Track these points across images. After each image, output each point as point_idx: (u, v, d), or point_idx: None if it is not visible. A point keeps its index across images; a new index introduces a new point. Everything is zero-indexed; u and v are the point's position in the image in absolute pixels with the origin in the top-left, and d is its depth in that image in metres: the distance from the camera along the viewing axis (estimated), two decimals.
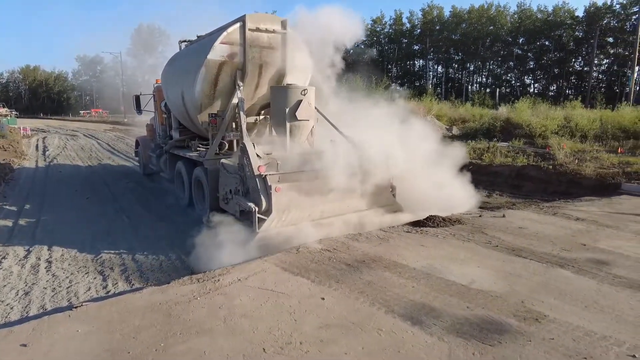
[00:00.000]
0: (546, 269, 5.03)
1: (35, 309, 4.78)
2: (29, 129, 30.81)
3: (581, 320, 3.82)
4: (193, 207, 8.58)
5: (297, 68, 8.29)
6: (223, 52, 7.62)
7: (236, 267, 5.09)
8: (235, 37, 7.63)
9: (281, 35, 7.86)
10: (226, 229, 6.16)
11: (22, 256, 6.46)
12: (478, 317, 3.90)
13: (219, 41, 7.56)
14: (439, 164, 8.00)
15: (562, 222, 7.05)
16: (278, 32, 7.86)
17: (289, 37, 7.92)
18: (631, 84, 30.97)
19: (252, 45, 7.63)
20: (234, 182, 6.79)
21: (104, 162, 17.62)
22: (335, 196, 6.70)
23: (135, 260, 6.23)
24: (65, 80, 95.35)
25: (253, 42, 7.64)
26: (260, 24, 7.68)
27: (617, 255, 5.47)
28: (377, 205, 7.32)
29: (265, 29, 7.75)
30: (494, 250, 5.70)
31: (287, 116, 7.35)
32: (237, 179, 6.66)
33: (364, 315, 3.91)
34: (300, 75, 8.48)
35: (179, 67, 9.14)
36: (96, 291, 5.25)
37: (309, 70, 8.61)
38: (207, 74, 7.66)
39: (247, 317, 3.87)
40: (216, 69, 7.65)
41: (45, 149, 22.01)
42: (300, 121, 7.48)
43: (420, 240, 6.10)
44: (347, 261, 5.24)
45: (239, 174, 6.62)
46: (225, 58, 7.64)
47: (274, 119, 7.83)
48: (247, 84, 7.87)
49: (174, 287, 4.55)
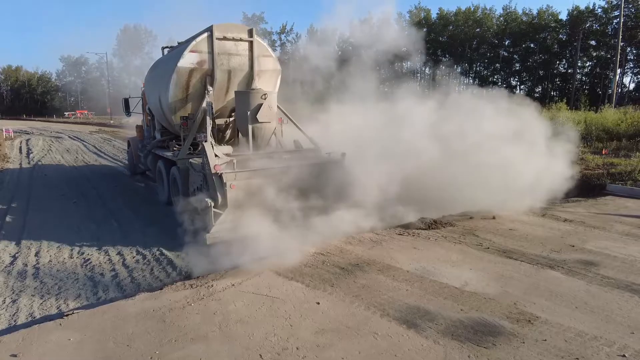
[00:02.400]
0: (537, 271, 5.12)
1: (23, 318, 4.66)
2: (12, 130, 30.16)
3: (572, 321, 3.89)
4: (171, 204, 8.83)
5: (266, 72, 8.89)
6: (192, 60, 8.21)
7: (229, 272, 5.06)
8: (203, 46, 8.23)
9: (248, 43, 8.49)
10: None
11: (8, 262, 6.31)
12: (472, 319, 3.95)
13: (188, 50, 8.17)
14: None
15: (550, 224, 7.18)
16: (245, 40, 8.48)
17: (255, 44, 8.55)
18: (613, 86, 31.70)
19: (220, 53, 8.28)
20: (199, 179, 7.22)
21: (91, 164, 17.34)
22: (291, 193, 6.84)
23: (126, 266, 6.14)
24: (49, 81, 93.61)
25: (221, 50, 8.29)
26: (227, 33, 8.32)
27: (605, 256, 5.59)
28: (332, 202, 7.19)
29: (232, 37, 8.39)
30: (485, 252, 5.78)
31: (249, 119, 7.88)
32: (201, 176, 7.07)
33: (359, 319, 3.93)
34: (269, 79, 9.04)
35: (156, 73, 9.78)
36: (86, 298, 5.15)
37: (278, 74, 9.23)
38: (179, 80, 8.30)
39: (242, 323, 3.85)
40: (186, 75, 8.27)
41: (29, 152, 21.57)
42: (262, 123, 7.98)
43: (412, 242, 6.15)
44: (340, 265, 5.25)
45: (202, 172, 7.03)
46: (194, 65, 8.23)
47: (238, 121, 8.40)
48: (218, 88, 8.42)
49: (167, 293, 4.51)
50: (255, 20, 68.09)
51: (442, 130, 8.55)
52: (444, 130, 8.57)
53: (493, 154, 7.95)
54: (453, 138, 8.33)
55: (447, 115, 9.19)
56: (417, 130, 8.54)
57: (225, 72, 8.43)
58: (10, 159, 18.72)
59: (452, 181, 7.75)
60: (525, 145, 8.26)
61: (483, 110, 9.05)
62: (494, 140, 8.19)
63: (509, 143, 8.17)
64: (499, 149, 8.04)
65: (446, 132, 8.50)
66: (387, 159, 7.61)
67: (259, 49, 8.72)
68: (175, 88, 8.41)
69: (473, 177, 7.70)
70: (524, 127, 8.58)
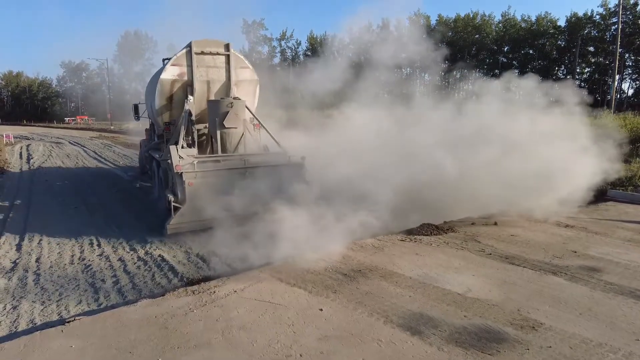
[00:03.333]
0: (540, 277, 5.10)
1: (24, 324, 4.64)
2: (12, 136, 30.20)
3: (577, 328, 3.87)
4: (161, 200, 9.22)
5: (244, 82, 9.80)
6: (174, 72, 9.25)
7: (231, 279, 5.04)
8: (183, 60, 9.23)
9: (225, 56, 9.43)
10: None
11: (9, 268, 6.29)
12: (476, 326, 3.93)
13: (170, 64, 9.27)
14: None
15: (552, 230, 7.17)
16: (222, 54, 9.41)
17: (232, 57, 9.45)
18: (612, 92, 31.83)
19: (199, 66, 9.24)
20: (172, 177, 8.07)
21: (91, 170, 17.34)
22: (249, 191, 7.48)
23: (127, 272, 6.12)
24: (50, 87, 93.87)
25: (199, 63, 9.26)
26: (205, 48, 9.29)
27: (607, 262, 5.58)
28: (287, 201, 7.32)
29: (210, 51, 9.34)
30: (487, 258, 5.76)
31: (217, 125, 8.75)
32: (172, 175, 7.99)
33: (363, 326, 3.91)
34: (248, 88, 9.91)
35: (150, 83, 11.14)
36: (87, 304, 5.13)
37: (256, 84, 10.14)
38: (162, 90, 9.39)
39: (245, 330, 3.83)
40: (169, 85, 9.33)
41: (29, 157, 21.58)
42: (229, 129, 8.80)
43: (414, 248, 6.13)
44: (343, 271, 5.24)
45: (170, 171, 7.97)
46: (175, 77, 9.26)
47: (210, 127, 9.21)
48: (198, 97, 9.35)
49: (169, 299, 4.49)
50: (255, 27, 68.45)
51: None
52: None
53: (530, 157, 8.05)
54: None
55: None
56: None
57: (204, 83, 9.37)
58: (10, 164, 18.73)
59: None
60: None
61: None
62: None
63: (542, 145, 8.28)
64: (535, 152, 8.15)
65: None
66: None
67: (236, 61, 9.61)
68: (160, 97, 9.51)
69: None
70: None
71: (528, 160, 7.94)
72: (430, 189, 7.88)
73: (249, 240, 6.31)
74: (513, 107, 9.15)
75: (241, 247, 6.22)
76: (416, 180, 7.92)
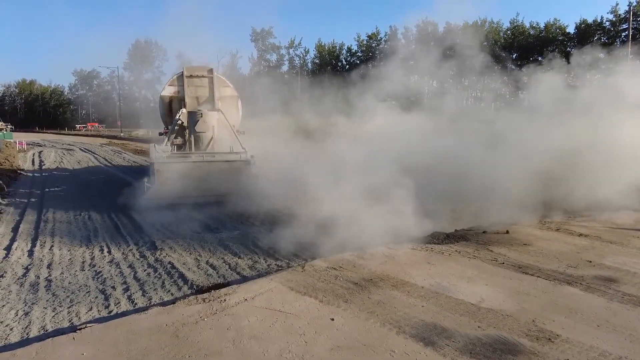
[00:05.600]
0: (554, 287, 5.01)
1: (35, 330, 4.65)
2: (25, 142, 30.65)
3: (594, 340, 3.78)
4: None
5: (226, 97, 12.87)
6: (170, 91, 12.72)
7: (242, 287, 5.02)
8: (178, 81, 12.62)
9: (208, 78, 12.59)
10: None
11: (21, 275, 6.33)
12: (490, 337, 3.85)
13: (168, 84, 12.91)
14: None
15: (565, 238, 7.05)
16: (206, 76, 12.57)
17: (215, 79, 12.63)
18: None
19: (189, 85, 12.42)
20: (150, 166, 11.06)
21: (101, 176, 17.52)
22: (206, 180, 10.30)
23: (137, 279, 6.13)
24: (62, 94, 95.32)
25: (190, 84, 12.44)
26: (194, 72, 12.58)
27: (624, 272, 5.46)
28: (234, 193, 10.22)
29: (197, 75, 12.54)
30: (500, 267, 5.68)
31: (190, 129, 12.08)
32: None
33: (375, 336, 3.85)
34: (230, 102, 12.96)
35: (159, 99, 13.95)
36: (98, 311, 5.13)
37: (236, 99, 13.21)
38: (163, 104, 13.00)
39: (256, 339, 3.80)
40: (167, 100, 12.79)
41: (41, 163, 21.87)
42: (199, 133, 11.94)
43: (426, 257, 6.07)
44: (354, 280, 5.19)
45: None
46: (172, 94, 12.67)
47: (188, 131, 12.21)
48: (189, 109, 12.32)
49: (179, 307, 4.47)
50: (264, 35, 68.95)
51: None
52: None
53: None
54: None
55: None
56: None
57: (194, 98, 12.44)
58: (23, 171, 18.98)
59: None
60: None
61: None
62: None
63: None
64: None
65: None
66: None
67: (218, 81, 12.77)
68: (162, 109, 13.12)
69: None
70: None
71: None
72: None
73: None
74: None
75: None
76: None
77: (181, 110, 12.05)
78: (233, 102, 13.05)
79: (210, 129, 11.98)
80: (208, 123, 11.91)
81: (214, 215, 9.89)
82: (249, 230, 8.62)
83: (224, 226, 9.09)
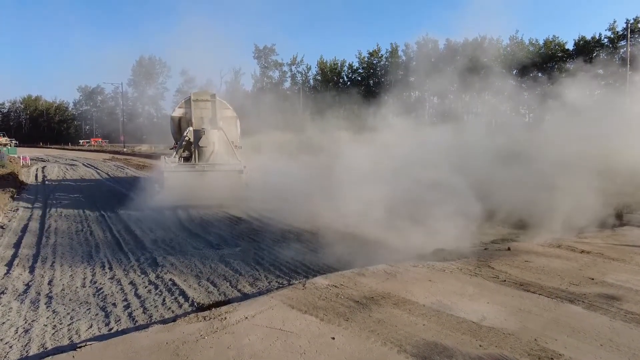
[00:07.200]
0: (556, 305, 4.97)
1: (35, 348, 4.64)
2: (29, 158, 30.91)
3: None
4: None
5: (226, 118, 15.18)
6: (180, 112, 15.34)
7: (243, 304, 5.01)
8: (186, 104, 15.21)
9: (211, 101, 14.89)
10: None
11: (22, 291, 6.34)
12: (492, 356, 3.82)
13: (177, 107, 15.69)
14: None
15: (567, 255, 7.02)
16: (210, 100, 14.88)
17: (217, 102, 14.97)
18: None
19: (195, 108, 14.74)
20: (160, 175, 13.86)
21: (104, 190, 17.59)
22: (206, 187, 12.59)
23: (138, 296, 6.12)
24: (66, 110, 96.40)
25: (196, 106, 14.77)
26: (200, 96, 15.07)
27: (627, 290, 5.43)
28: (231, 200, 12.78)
29: (202, 99, 14.94)
30: (502, 285, 5.65)
31: (195, 144, 14.33)
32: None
33: (376, 355, 3.83)
34: (230, 122, 15.26)
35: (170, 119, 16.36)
36: (98, 328, 5.12)
37: (235, 119, 15.61)
38: (173, 123, 15.59)
39: (257, 358, 3.78)
40: (177, 120, 15.40)
41: (45, 178, 21.99)
42: (202, 147, 14.19)
43: (427, 275, 6.05)
44: (355, 298, 5.17)
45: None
46: (181, 114, 15.24)
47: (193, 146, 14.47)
48: (195, 127, 14.51)
49: (180, 325, 4.46)
50: (266, 52, 69.92)
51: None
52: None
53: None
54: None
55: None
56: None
57: (199, 118, 14.60)
58: (27, 186, 19.09)
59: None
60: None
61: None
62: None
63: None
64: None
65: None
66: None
67: (220, 104, 15.20)
68: (172, 127, 15.65)
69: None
70: None
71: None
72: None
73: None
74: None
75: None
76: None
77: (188, 129, 14.41)
78: (232, 122, 15.45)
79: (211, 144, 14.22)
80: (209, 139, 14.17)
81: (214, 232, 9.91)
82: (250, 247, 8.64)
83: (225, 242, 9.11)
